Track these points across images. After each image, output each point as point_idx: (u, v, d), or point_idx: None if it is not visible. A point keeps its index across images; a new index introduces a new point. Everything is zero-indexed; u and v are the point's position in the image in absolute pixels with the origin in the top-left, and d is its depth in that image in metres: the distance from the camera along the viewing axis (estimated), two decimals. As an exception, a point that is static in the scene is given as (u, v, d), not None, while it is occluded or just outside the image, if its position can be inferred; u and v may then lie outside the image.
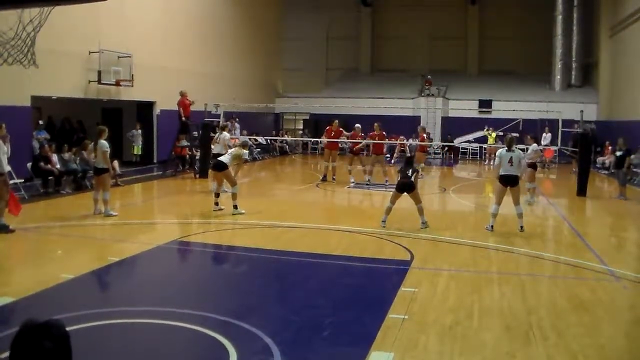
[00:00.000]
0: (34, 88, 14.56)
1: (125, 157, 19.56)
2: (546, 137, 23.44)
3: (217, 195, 11.74)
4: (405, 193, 10.29)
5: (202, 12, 23.10)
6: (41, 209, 11.66)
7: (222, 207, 11.58)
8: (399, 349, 4.95)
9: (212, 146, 15.53)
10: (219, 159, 11.99)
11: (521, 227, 10.12)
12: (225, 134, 14.94)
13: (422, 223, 10.21)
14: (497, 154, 10.57)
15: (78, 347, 1.88)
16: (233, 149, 12.26)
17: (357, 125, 17.48)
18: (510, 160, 10.05)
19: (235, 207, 11.26)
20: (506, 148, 10.25)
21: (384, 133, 17.33)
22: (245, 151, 12.25)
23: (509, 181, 10.08)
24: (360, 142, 17.04)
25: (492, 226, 10.13)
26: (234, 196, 11.31)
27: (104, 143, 10.80)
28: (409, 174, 10.24)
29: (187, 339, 5.23)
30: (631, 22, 22.20)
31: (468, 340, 5.23)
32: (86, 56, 16.59)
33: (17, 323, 1.82)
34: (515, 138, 10.54)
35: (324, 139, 17.47)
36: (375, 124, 17.04)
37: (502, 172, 10.12)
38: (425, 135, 17.86)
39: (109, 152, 10.90)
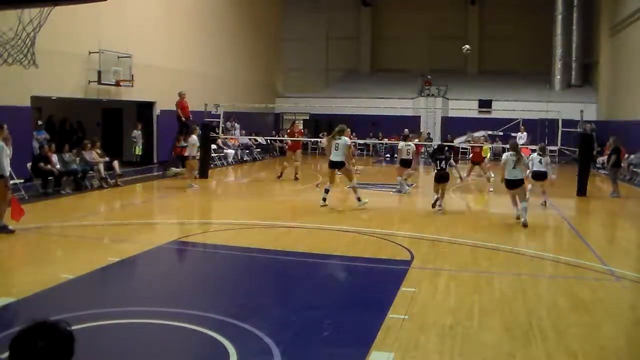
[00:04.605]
0: (34, 88, 14.56)
1: (126, 157, 19.55)
2: (522, 137, 22.96)
3: (327, 191, 12.20)
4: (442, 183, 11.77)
5: (202, 12, 23.09)
6: (41, 209, 11.65)
7: (327, 203, 12.13)
8: (399, 349, 4.95)
9: None
10: (334, 160, 11.99)
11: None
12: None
13: (439, 206, 11.67)
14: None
15: (78, 348, 1.89)
16: (339, 141, 12.02)
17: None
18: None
19: (359, 199, 11.81)
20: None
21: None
22: (345, 138, 12.07)
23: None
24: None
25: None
26: (355, 190, 11.99)
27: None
28: (445, 167, 11.81)
29: (187, 339, 5.22)
30: (631, 22, 22.19)
31: (468, 340, 5.22)
32: (86, 56, 16.59)
33: (18, 323, 1.83)
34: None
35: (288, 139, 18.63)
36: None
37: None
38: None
39: None
